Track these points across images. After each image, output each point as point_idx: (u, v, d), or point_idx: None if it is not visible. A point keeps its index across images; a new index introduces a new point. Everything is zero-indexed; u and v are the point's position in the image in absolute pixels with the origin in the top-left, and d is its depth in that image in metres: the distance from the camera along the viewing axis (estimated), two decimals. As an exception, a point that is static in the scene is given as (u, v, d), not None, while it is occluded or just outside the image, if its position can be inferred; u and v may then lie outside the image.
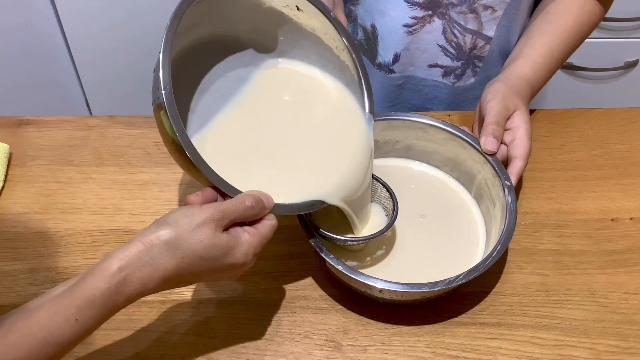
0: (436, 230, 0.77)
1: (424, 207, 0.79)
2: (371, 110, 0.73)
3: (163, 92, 0.57)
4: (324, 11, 0.69)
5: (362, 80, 0.72)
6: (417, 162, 0.83)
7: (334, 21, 0.70)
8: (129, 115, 0.93)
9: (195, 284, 0.73)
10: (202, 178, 0.60)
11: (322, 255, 0.67)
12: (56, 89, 1.57)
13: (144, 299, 0.70)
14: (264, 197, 0.61)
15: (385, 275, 0.66)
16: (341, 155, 0.71)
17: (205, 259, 0.56)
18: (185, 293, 0.72)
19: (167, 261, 0.54)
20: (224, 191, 0.61)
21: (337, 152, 0.71)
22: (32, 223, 0.79)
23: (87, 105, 1.61)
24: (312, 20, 0.70)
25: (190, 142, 0.59)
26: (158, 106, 0.58)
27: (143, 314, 0.70)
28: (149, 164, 0.86)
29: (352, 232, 0.73)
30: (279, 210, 0.63)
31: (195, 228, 0.55)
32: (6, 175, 0.84)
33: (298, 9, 0.69)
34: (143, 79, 1.52)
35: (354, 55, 0.71)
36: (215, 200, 0.60)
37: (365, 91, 0.73)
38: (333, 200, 0.68)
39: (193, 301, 0.72)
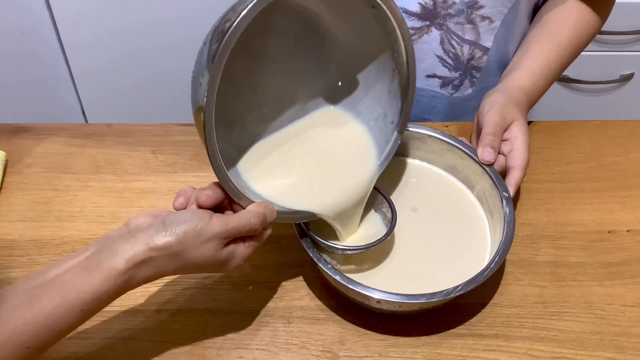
0: (440, 230, 0.76)
1: (426, 205, 0.78)
2: (401, 131, 0.74)
3: (205, 98, 0.57)
4: (398, 21, 0.67)
5: (408, 96, 0.72)
6: (417, 160, 0.83)
7: (405, 32, 0.68)
8: (126, 123, 0.93)
9: (192, 292, 0.73)
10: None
11: (320, 265, 0.67)
12: (52, 97, 1.57)
13: (139, 308, 0.70)
14: (268, 212, 0.63)
15: (386, 281, 0.66)
16: (343, 183, 0.73)
17: (202, 267, 0.60)
18: (182, 302, 0.72)
19: (168, 266, 0.58)
20: (234, 199, 0.63)
21: (341, 180, 0.73)
22: (27, 231, 0.79)
23: (83, 113, 1.61)
24: (385, 23, 0.68)
25: (216, 150, 0.60)
26: (199, 109, 0.58)
27: (138, 322, 0.70)
28: (146, 172, 0.86)
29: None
30: (276, 219, 0.65)
31: (201, 244, 0.58)
32: (2, 183, 0.84)
33: (373, 7, 0.67)
34: (140, 88, 1.54)
35: (409, 70, 0.70)
36: (224, 199, 0.63)
37: (404, 109, 0.73)
38: (325, 216, 0.70)
39: (189, 310, 0.71)
